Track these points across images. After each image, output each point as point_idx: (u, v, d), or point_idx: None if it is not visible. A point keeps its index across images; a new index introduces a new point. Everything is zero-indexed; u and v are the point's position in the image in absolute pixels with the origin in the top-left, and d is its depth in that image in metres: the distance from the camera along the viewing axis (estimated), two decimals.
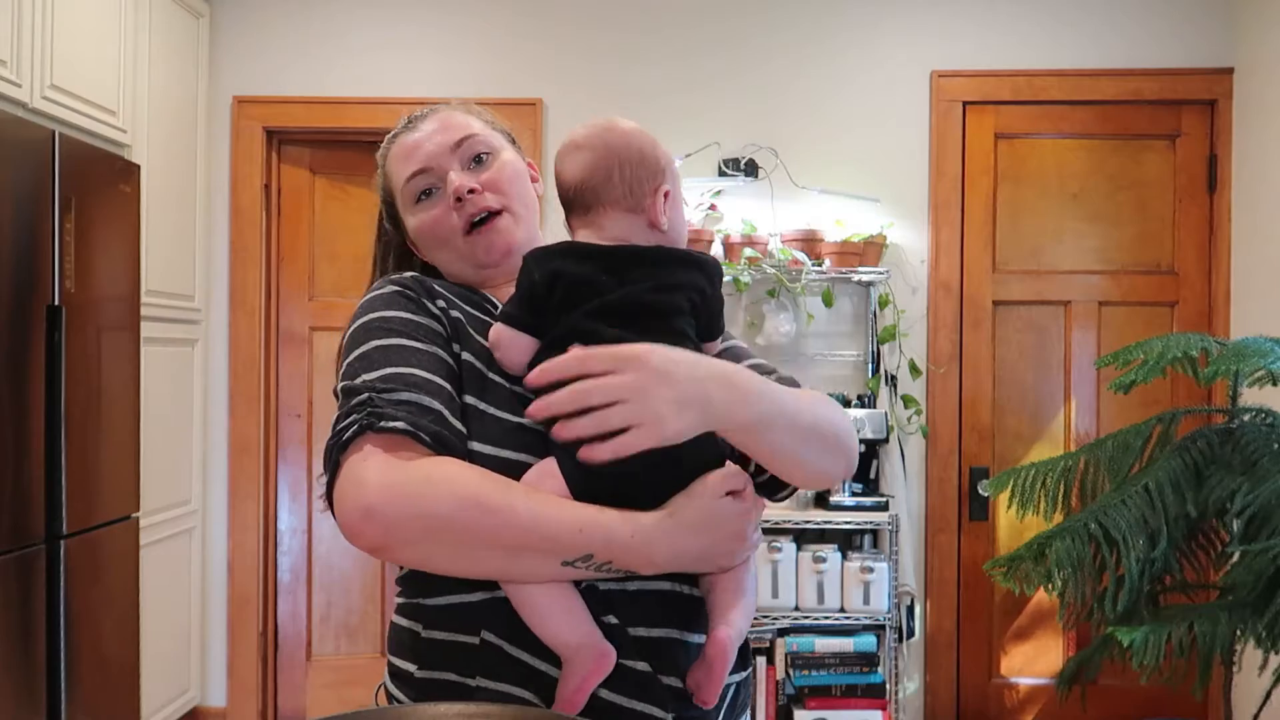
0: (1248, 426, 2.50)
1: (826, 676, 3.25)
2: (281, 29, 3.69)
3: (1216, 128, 3.57)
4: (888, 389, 3.51)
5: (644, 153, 1.11)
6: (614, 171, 1.09)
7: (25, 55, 2.64)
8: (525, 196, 1.21)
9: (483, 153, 1.20)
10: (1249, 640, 2.38)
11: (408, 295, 1.10)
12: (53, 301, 2.58)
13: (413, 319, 1.06)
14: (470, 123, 1.22)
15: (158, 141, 3.28)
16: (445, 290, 1.13)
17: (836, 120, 3.63)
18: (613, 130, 1.12)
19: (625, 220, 1.10)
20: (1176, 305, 3.60)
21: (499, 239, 1.16)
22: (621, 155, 1.10)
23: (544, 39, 3.64)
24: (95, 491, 2.75)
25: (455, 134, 1.19)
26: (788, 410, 1.01)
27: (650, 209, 1.10)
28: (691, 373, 0.95)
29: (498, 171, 1.19)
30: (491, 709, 0.95)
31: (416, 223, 1.20)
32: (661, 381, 0.92)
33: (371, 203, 1.30)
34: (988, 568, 2.60)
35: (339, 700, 3.70)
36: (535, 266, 1.06)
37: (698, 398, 0.94)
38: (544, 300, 1.04)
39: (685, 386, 0.93)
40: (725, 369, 0.98)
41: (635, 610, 1.02)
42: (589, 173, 1.10)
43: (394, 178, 1.22)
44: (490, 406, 1.04)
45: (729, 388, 0.97)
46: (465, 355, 1.06)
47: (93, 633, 2.73)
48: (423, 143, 1.19)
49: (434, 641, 1.04)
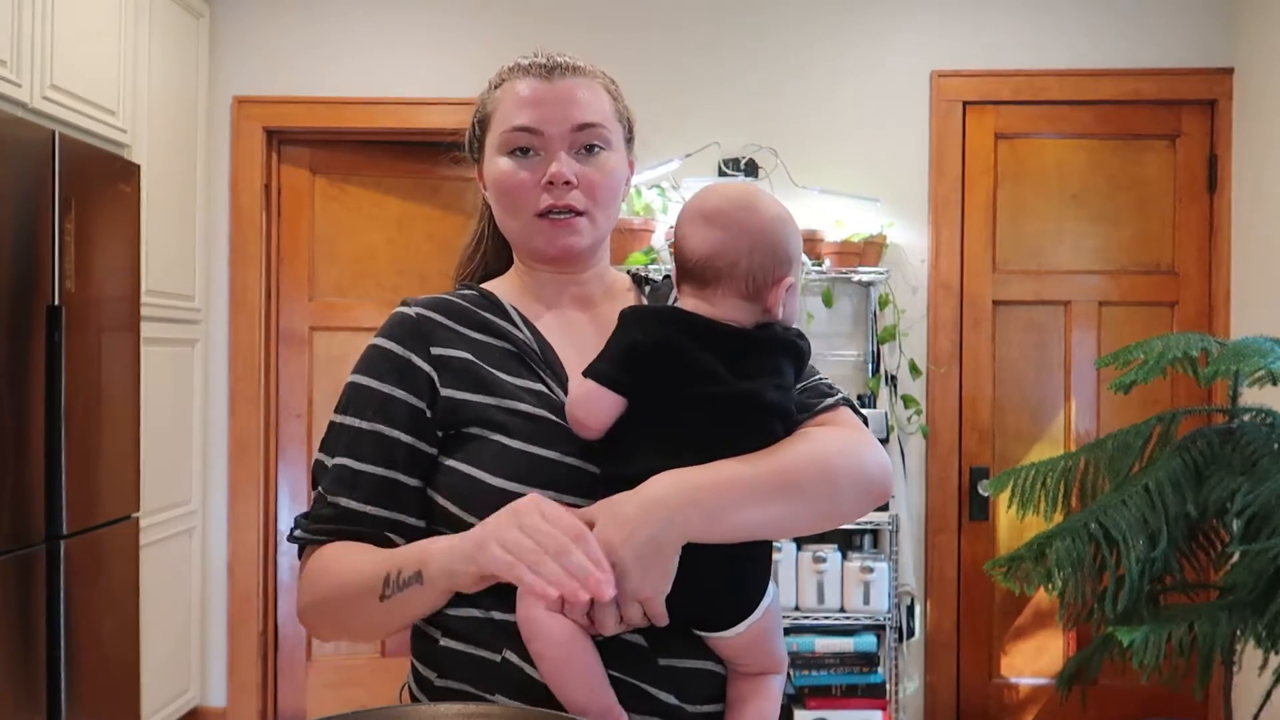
0: (1248, 426, 2.50)
1: (826, 676, 3.25)
2: (281, 29, 3.69)
3: (1216, 128, 3.57)
4: (888, 389, 3.51)
5: (776, 244, 1.06)
6: (742, 259, 1.05)
7: (25, 55, 2.64)
8: (612, 206, 1.17)
9: (598, 147, 1.14)
10: (1249, 640, 2.38)
11: (392, 356, 1.11)
12: (53, 301, 2.57)
13: (379, 391, 1.10)
14: (603, 106, 1.16)
15: (158, 141, 3.28)
16: (459, 323, 1.13)
17: (836, 120, 3.63)
18: (752, 213, 1.07)
19: (740, 305, 1.06)
20: (1176, 305, 3.60)
21: (567, 240, 1.13)
22: (754, 243, 1.06)
23: (544, 39, 3.61)
24: (95, 491, 2.75)
25: (583, 115, 1.13)
26: (760, 492, 1.00)
27: (769, 299, 1.06)
28: (648, 529, 0.96)
29: (601, 174, 1.14)
30: (491, 709, 0.96)
31: (498, 172, 1.15)
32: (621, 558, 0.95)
33: (370, 203, 1.31)
34: (988, 568, 2.60)
35: (339, 700, 3.70)
36: (640, 328, 1.04)
37: (654, 551, 0.96)
38: (644, 365, 1.02)
39: (643, 545, 0.95)
40: (693, 496, 0.98)
41: (692, 688, 1.04)
42: (716, 253, 1.06)
43: (500, 111, 1.16)
44: (513, 440, 1.05)
45: (701, 516, 0.97)
46: (464, 395, 1.08)
47: (93, 633, 2.73)
48: (547, 102, 1.12)
49: (454, 652, 1.05)
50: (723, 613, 1.02)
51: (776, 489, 1.00)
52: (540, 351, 1.12)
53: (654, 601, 0.97)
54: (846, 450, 1.06)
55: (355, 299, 3.79)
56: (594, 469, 1.04)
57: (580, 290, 1.19)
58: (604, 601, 0.93)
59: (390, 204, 3.79)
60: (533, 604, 0.96)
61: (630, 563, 0.95)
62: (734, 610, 1.02)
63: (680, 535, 0.97)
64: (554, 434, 1.05)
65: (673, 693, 1.03)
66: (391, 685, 3.74)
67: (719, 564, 1.00)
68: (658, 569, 0.96)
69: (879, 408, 3.45)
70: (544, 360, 1.12)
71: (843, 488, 1.05)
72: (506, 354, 1.11)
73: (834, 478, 1.04)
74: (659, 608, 0.97)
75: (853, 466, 1.06)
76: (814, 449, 1.04)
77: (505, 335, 1.12)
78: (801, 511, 1.03)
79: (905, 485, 3.50)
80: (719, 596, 1.02)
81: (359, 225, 3.78)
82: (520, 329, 1.13)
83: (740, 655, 1.05)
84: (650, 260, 3.37)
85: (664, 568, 0.96)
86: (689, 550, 0.98)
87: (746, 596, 1.03)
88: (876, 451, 1.09)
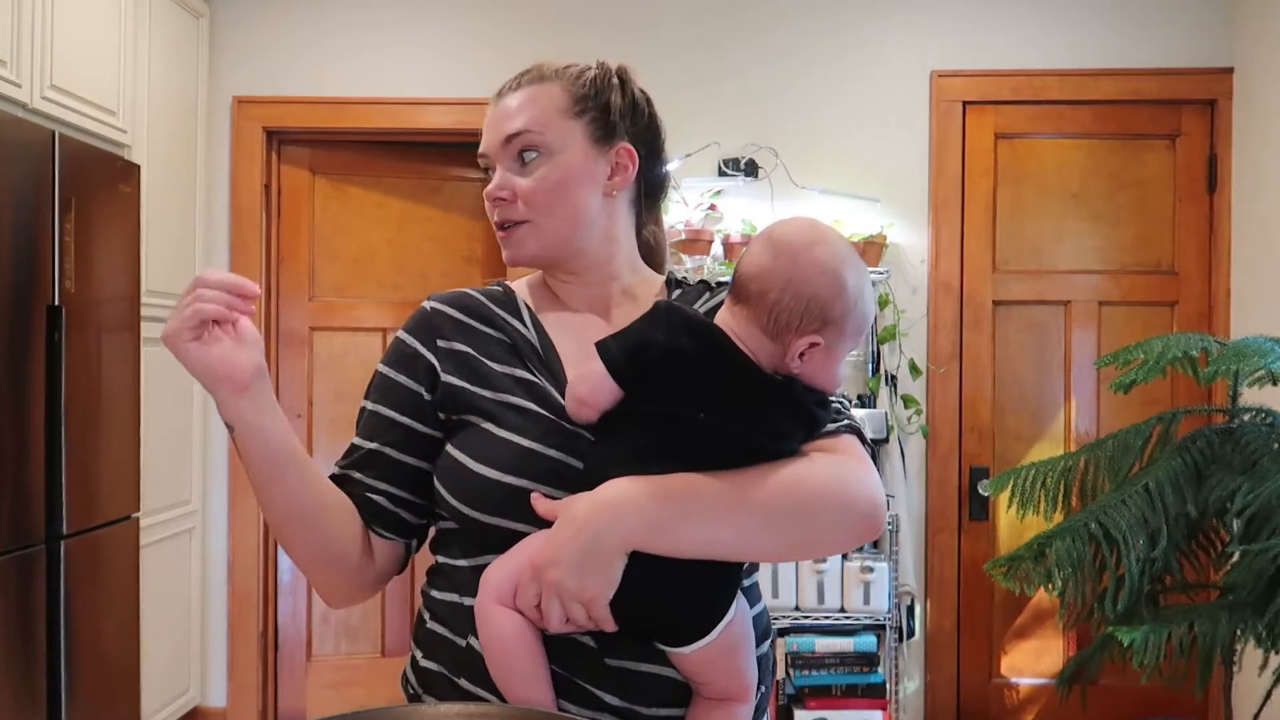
0: (1248, 426, 2.50)
1: (826, 676, 3.25)
2: (281, 29, 3.69)
3: (1216, 127, 3.57)
4: (888, 389, 3.52)
5: (815, 295, 1.00)
6: (773, 291, 1.01)
7: (25, 55, 2.64)
8: (559, 209, 1.14)
9: (531, 153, 1.14)
10: (1249, 640, 2.38)
11: (403, 346, 1.17)
12: (53, 301, 2.57)
13: (388, 377, 1.16)
14: (540, 110, 1.14)
15: (158, 141, 3.28)
16: (469, 317, 1.17)
17: (836, 120, 3.63)
18: (805, 254, 1.02)
19: (758, 337, 1.02)
20: (1176, 305, 3.60)
21: (512, 251, 1.16)
22: (790, 282, 1.01)
23: (544, 39, 3.64)
24: (95, 491, 2.75)
25: (509, 126, 1.14)
26: (729, 511, 0.99)
27: (785, 347, 1.02)
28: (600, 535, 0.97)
29: (533, 181, 1.13)
30: (491, 709, 0.97)
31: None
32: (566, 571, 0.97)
33: (370, 203, 1.32)
34: (988, 568, 2.60)
35: (339, 700, 3.70)
36: (664, 326, 1.01)
37: (594, 553, 0.97)
38: (650, 366, 1.00)
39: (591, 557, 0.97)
40: (643, 505, 0.97)
41: (643, 692, 1.03)
42: (756, 275, 1.03)
43: None
44: (500, 429, 1.07)
45: (648, 525, 0.97)
46: (461, 383, 1.12)
47: (93, 633, 2.73)
48: (491, 124, 1.17)
49: (434, 634, 1.11)
50: (678, 627, 1.00)
51: (739, 510, 0.98)
52: (540, 348, 1.14)
53: (595, 604, 0.97)
54: (833, 479, 1.01)
55: (355, 299, 3.79)
56: (576, 463, 1.04)
57: (590, 291, 1.19)
58: (250, 296, 1.00)
59: (390, 204, 3.79)
60: (485, 594, 1.00)
61: (573, 563, 0.96)
62: (690, 626, 1.00)
63: (623, 542, 0.96)
64: (541, 426, 1.06)
65: (619, 695, 1.02)
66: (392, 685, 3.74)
67: (673, 577, 0.98)
68: (597, 572, 0.96)
69: (879, 408, 3.45)
70: (541, 356, 1.13)
71: (820, 518, 1.01)
72: (505, 347, 1.13)
73: (810, 506, 1.00)
74: (601, 611, 0.97)
75: (836, 497, 1.01)
76: (795, 475, 1.00)
77: (508, 330, 1.15)
78: (768, 537, 1.00)
79: (905, 485, 3.50)
80: (673, 610, 1.00)
81: (359, 225, 3.78)
82: (526, 325, 1.16)
83: (699, 673, 1.03)
84: None
85: (603, 572, 0.96)
86: (644, 559, 0.97)
87: (703, 614, 1.01)
88: (870, 484, 1.03)
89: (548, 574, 0.97)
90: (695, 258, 3.41)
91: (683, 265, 3.39)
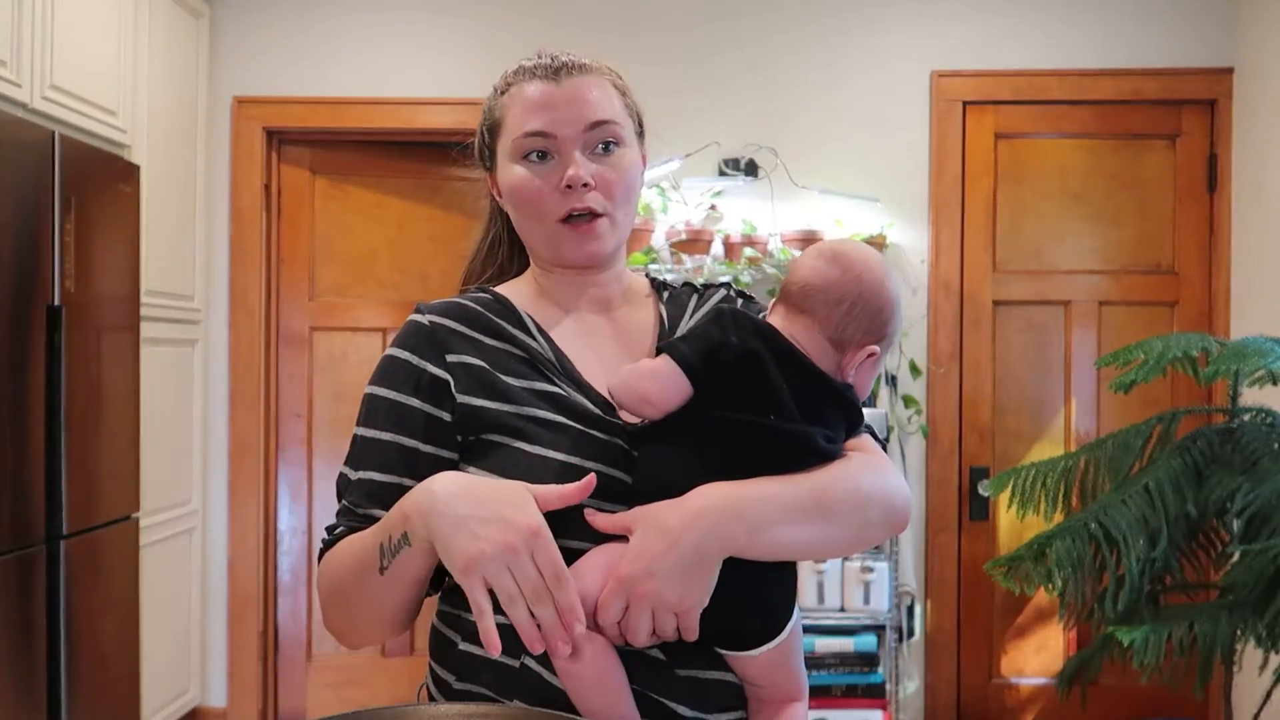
0: (1248, 426, 2.50)
1: (827, 676, 3.24)
2: (281, 29, 3.69)
3: (1216, 128, 3.57)
4: (888, 389, 3.52)
5: (882, 310, 1.08)
6: (845, 303, 1.07)
7: (25, 55, 2.64)
8: (630, 204, 1.14)
9: (613, 144, 1.12)
10: (1249, 640, 2.38)
11: (408, 366, 1.09)
12: (53, 301, 2.58)
13: (396, 402, 1.08)
14: (613, 102, 1.13)
15: (158, 142, 3.28)
16: (474, 329, 1.10)
17: (836, 120, 3.62)
18: (873, 274, 1.08)
19: (822, 346, 1.07)
20: (1176, 305, 3.60)
21: (590, 245, 1.11)
22: (862, 296, 1.07)
23: (544, 39, 3.61)
24: (95, 491, 2.75)
25: (595, 113, 1.11)
26: (793, 514, 1.00)
27: (848, 355, 1.08)
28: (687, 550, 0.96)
29: (618, 172, 1.11)
30: (491, 709, 0.96)
31: (515, 179, 1.12)
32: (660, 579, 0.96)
33: (370, 203, 1.30)
34: (988, 568, 2.60)
35: (339, 700, 3.70)
36: (734, 330, 1.04)
37: (697, 563, 0.96)
38: (724, 369, 1.01)
39: (688, 559, 0.96)
40: (738, 508, 0.98)
41: (710, 699, 1.03)
42: (823, 286, 1.07)
43: (510, 117, 1.13)
44: (532, 445, 1.03)
45: (746, 529, 0.97)
46: (480, 401, 1.06)
47: (93, 633, 2.73)
48: (558, 104, 1.10)
49: (473, 656, 1.05)
50: (750, 632, 1.02)
51: (815, 510, 1.00)
52: (556, 360, 1.10)
53: (690, 614, 0.96)
54: (877, 477, 1.06)
55: (355, 299, 3.79)
56: (618, 473, 1.02)
57: (599, 292, 1.17)
58: (565, 655, 0.92)
59: (390, 204, 3.79)
60: None
61: (673, 573, 0.94)
62: (761, 630, 1.02)
63: (723, 548, 0.96)
64: (573, 439, 1.04)
65: (690, 704, 1.02)
66: (391, 685, 3.75)
67: (753, 582, 0.99)
68: (699, 581, 0.95)
69: (879, 408, 3.45)
70: (560, 368, 1.09)
71: (871, 514, 1.05)
72: (521, 360, 1.09)
73: (865, 504, 1.04)
74: (693, 621, 0.97)
75: (881, 494, 1.06)
76: (850, 474, 1.04)
77: (516, 341, 1.10)
78: (835, 534, 1.03)
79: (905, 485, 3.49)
80: (749, 615, 1.01)
81: (359, 225, 3.78)
82: (535, 337, 1.11)
83: (760, 676, 1.04)
84: (650, 260, 3.37)
85: (705, 580, 0.96)
86: (729, 564, 0.97)
87: (774, 617, 1.03)
88: (900, 480, 1.10)
89: (642, 586, 0.94)
90: (695, 258, 3.41)
91: (683, 265, 3.39)
